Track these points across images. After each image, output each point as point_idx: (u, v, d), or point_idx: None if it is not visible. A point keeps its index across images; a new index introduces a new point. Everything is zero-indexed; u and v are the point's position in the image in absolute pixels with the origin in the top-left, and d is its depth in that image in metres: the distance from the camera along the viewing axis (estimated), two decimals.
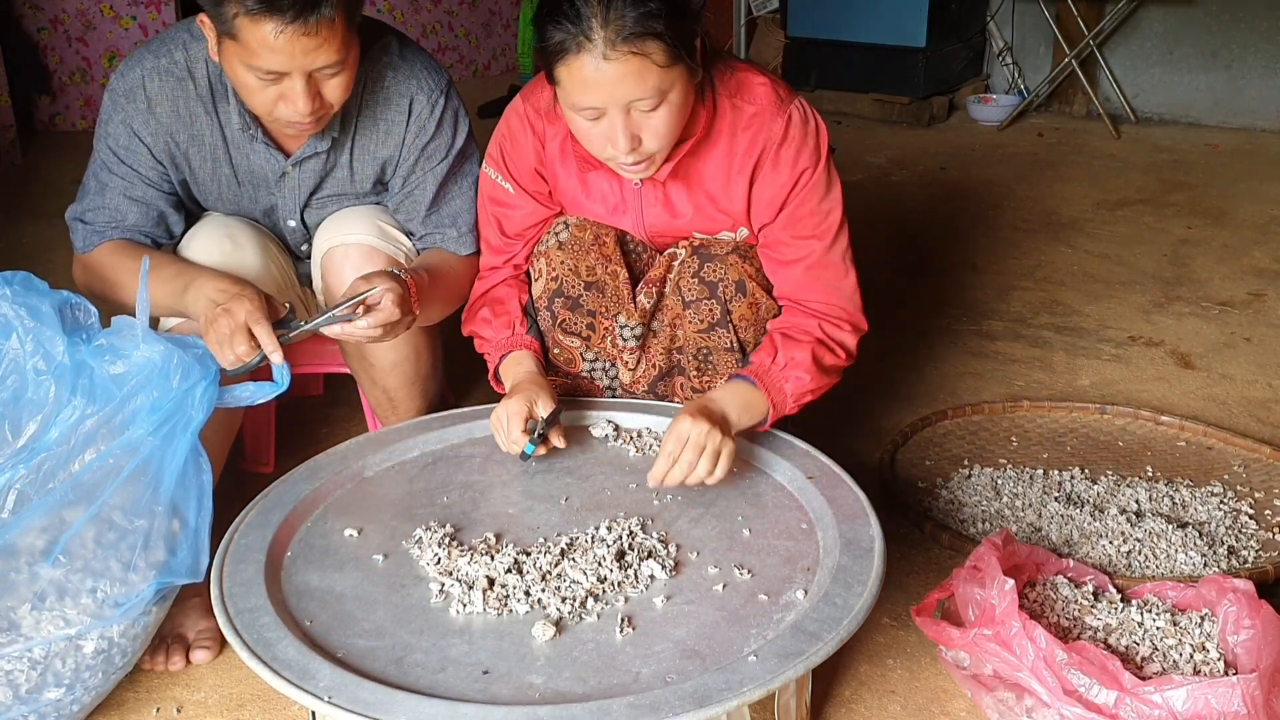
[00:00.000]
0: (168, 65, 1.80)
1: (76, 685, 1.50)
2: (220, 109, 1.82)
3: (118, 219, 1.85)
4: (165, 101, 1.81)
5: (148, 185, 1.85)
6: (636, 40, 1.52)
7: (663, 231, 1.88)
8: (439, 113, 1.89)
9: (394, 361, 1.95)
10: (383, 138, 1.88)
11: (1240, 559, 1.93)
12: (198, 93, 1.81)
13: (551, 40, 1.56)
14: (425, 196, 1.92)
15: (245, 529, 1.56)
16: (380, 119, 1.87)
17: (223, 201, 1.93)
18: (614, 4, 1.51)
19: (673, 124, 1.62)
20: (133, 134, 1.82)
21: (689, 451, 1.58)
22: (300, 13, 1.55)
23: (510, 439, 1.71)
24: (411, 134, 1.88)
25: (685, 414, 1.60)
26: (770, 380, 1.72)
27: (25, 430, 1.49)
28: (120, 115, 1.81)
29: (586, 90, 1.56)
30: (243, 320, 1.60)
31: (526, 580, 1.45)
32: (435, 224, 1.94)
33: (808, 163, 1.76)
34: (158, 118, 1.81)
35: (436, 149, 1.91)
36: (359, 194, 1.95)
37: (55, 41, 4.96)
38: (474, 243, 1.96)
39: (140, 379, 1.52)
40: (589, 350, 1.91)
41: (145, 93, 1.80)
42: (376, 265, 1.83)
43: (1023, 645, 1.47)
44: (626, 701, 1.21)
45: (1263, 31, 4.86)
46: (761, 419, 1.72)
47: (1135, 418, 2.45)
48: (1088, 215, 3.85)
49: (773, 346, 1.75)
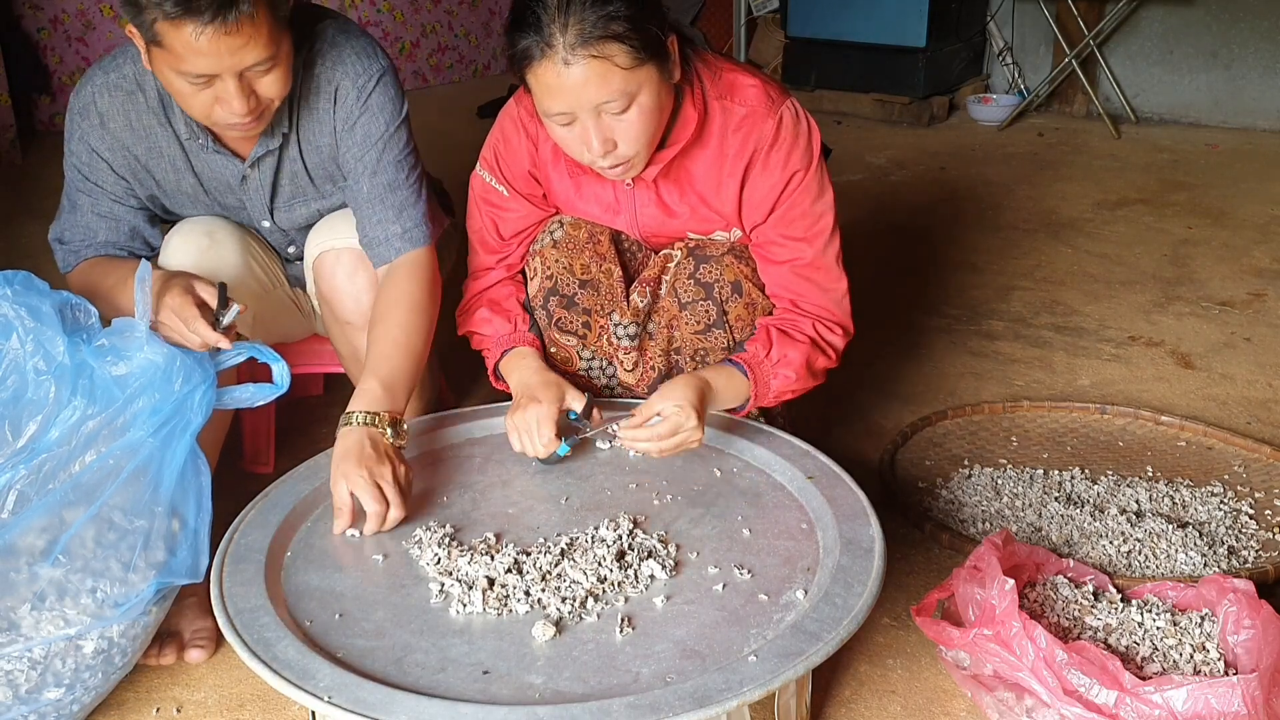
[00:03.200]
0: (117, 80, 1.78)
1: (76, 685, 1.50)
2: (173, 119, 1.80)
3: (90, 236, 1.85)
4: (118, 116, 1.79)
5: (114, 201, 1.85)
6: (596, 44, 1.52)
7: (657, 231, 1.88)
8: (366, 94, 1.82)
9: None
10: (318, 128, 1.85)
11: (1240, 559, 1.93)
12: (149, 105, 1.79)
13: (517, 48, 1.58)
14: (362, 188, 1.85)
15: (245, 529, 1.56)
16: (314, 108, 1.83)
17: (197, 209, 1.92)
18: (573, 9, 1.52)
19: (646, 126, 1.62)
20: (91, 151, 1.81)
21: (667, 439, 1.63)
22: (218, 12, 1.52)
23: (543, 441, 1.69)
24: (340, 122, 1.83)
25: (687, 403, 1.63)
26: (760, 373, 1.74)
27: (25, 431, 1.49)
28: (78, 133, 1.80)
29: (552, 96, 1.58)
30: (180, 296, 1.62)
31: (526, 580, 1.45)
32: (381, 218, 1.85)
33: (799, 165, 1.76)
34: (112, 133, 1.80)
35: (366, 136, 1.84)
36: (321, 194, 1.92)
37: (55, 41, 4.96)
38: (426, 233, 1.87)
39: (143, 381, 1.53)
40: (585, 349, 1.92)
41: (97, 109, 1.78)
42: (367, 270, 1.84)
43: (1023, 645, 1.47)
44: (626, 701, 1.21)
45: (1263, 31, 4.86)
46: (739, 407, 1.77)
47: (1135, 418, 2.45)
48: (1088, 215, 3.85)
49: (768, 340, 1.76)
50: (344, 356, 2.00)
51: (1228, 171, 4.35)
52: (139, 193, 1.86)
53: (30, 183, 4.30)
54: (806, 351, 1.76)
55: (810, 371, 1.77)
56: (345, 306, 1.90)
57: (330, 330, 1.98)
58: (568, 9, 1.52)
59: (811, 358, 1.77)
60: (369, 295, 1.86)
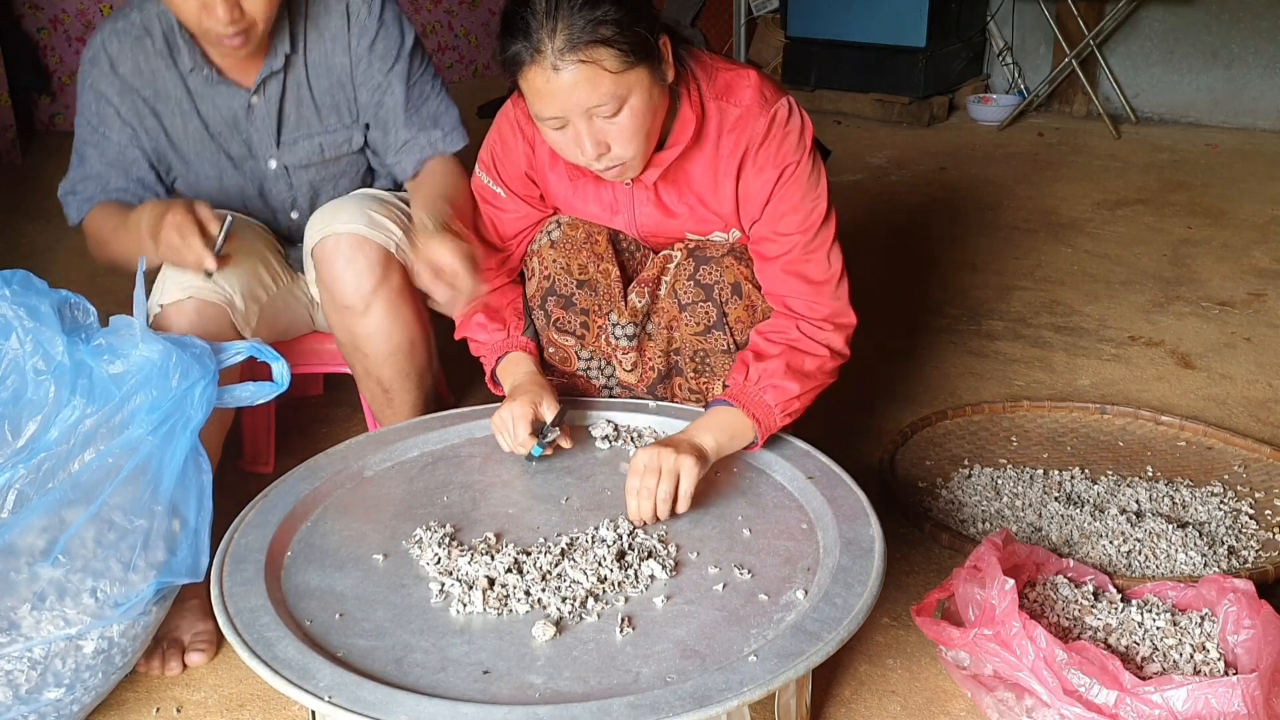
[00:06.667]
0: (124, 26, 1.88)
1: (76, 685, 1.50)
2: (179, 61, 1.88)
3: (102, 184, 1.92)
4: (126, 60, 1.87)
5: (120, 149, 1.92)
6: (585, 48, 1.52)
7: (656, 232, 1.88)
8: (377, 10, 1.93)
9: (387, 352, 1.92)
10: (329, 47, 1.92)
11: (1240, 559, 1.93)
12: (155, 48, 1.88)
13: (508, 53, 1.58)
14: (397, 100, 1.95)
15: (245, 529, 1.56)
16: (324, 29, 1.92)
17: (202, 162, 1.96)
18: (560, 14, 1.52)
19: (639, 128, 1.61)
20: (100, 96, 1.89)
21: (647, 477, 1.56)
22: None
23: (517, 440, 1.71)
24: (354, 37, 1.92)
25: (641, 449, 1.60)
26: (748, 398, 1.70)
27: (25, 430, 1.49)
28: (88, 81, 1.89)
29: (543, 101, 1.58)
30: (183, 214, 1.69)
31: (526, 580, 1.45)
32: (419, 126, 1.97)
33: (790, 158, 1.74)
34: (121, 77, 1.88)
35: (388, 50, 1.94)
36: (325, 126, 1.98)
37: (55, 41, 4.96)
38: (462, 135, 2.01)
39: (139, 378, 1.52)
40: (584, 349, 1.92)
41: (107, 54, 1.87)
42: (367, 255, 1.85)
43: (1023, 645, 1.47)
44: (626, 701, 1.21)
45: (1263, 31, 4.86)
46: (752, 438, 1.70)
47: (1135, 418, 2.45)
48: (1088, 215, 3.85)
49: (744, 365, 1.73)
50: (343, 345, 1.99)
51: (1228, 171, 4.35)
52: (145, 144, 1.93)
53: (30, 183, 4.31)
54: (785, 359, 1.72)
55: (800, 374, 1.72)
56: (345, 290, 1.88)
57: (330, 320, 1.98)
58: (555, 14, 1.52)
59: (792, 361, 1.72)
60: (370, 279, 1.86)
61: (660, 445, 1.59)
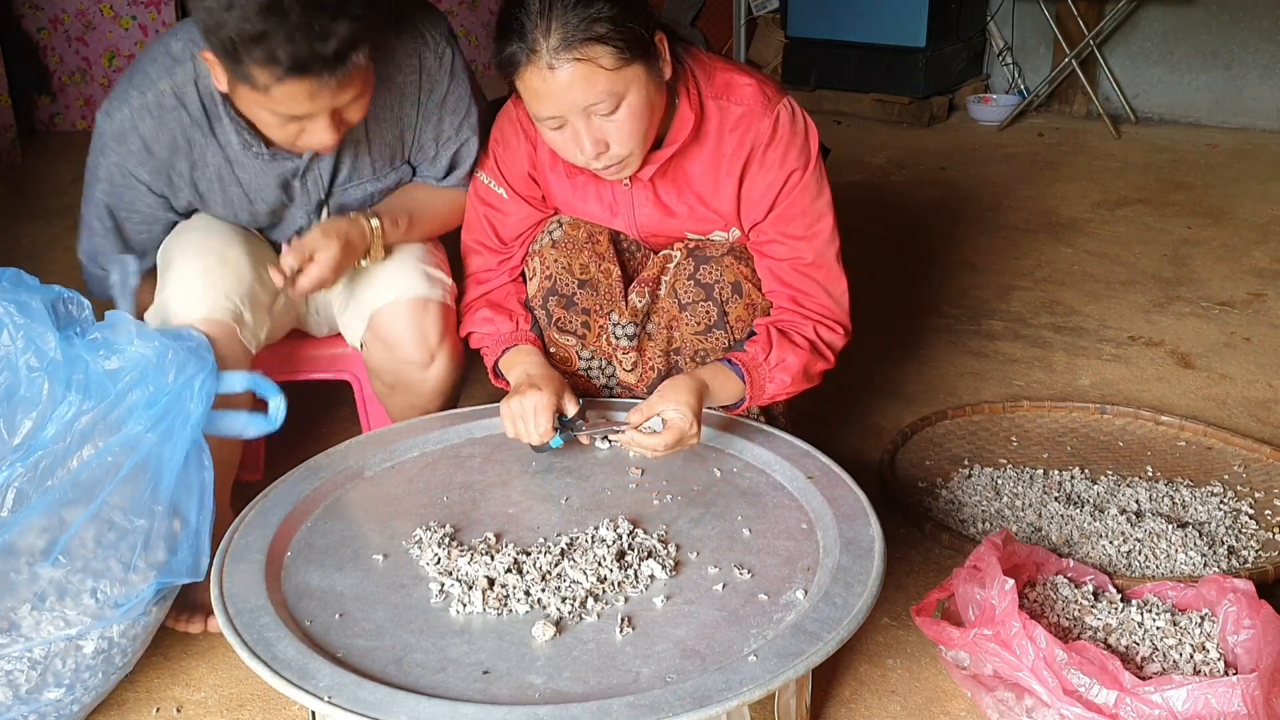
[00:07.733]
0: (155, 99, 1.71)
1: (76, 685, 1.50)
2: (217, 130, 1.75)
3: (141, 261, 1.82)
4: (163, 137, 1.74)
5: (150, 216, 1.84)
6: (580, 46, 1.53)
7: (655, 231, 1.88)
8: (448, 63, 1.85)
9: (440, 391, 1.93)
10: (397, 100, 1.82)
11: (1240, 559, 1.93)
12: (193, 119, 1.73)
13: (504, 54, 1.59)
14: (464, 152, 1.92)
15: (245, 529, 1.56)
16: (392, 81, 1.80)
17: (229, 211, 1.88)
18: (555, 13, 1.52)
19: (637, 125, 1.62)
20: (128, 174, 1.77)
21: (673, 449, 1.64)
22: (333, 71, 1.52)
23: (538, 430, 1.70)
24: (425, 92, 1.84)
25: (689, 409, 1.63)
26: (757, 375, 1.74)
27: (21, 428, 1.48)
28: (114, 159, 1.76)
29: (540, 100, 1.58)
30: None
31: (526, 580, 1.45)
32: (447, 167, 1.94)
33: (796, 163, 1.75)
34: (156, 156, 1.75)
35: (458, 104, 1.87)
36: (377, 176, 1.89)
37: (55, 41, 4.95)
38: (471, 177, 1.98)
39: (135, 374, 1.52)
40: (585, 349, 1.92)
41: (139, 134, 1.73)
42: (431, 316, 1.85)
43: (1023, 645, 1.47)
44: (626, 701, 1.21)
45: (1263, 31, 4.86)
46: (732, 406, 1.77)
47: (1135, 418, 2.45)
48: (1088, 215, 3.85)
49: (768, 342, 1.75)
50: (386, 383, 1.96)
51: (1228, 171, 4.35)
52: (175, 204, 1.85)
53: (30, 183, 4.30)
54: (805, 357, 1.76)
55: (806, 376, 1.78)
56: (409, 351, 1.87)
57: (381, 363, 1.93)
58: (550, 13, 1.52)
59: (810, 363, 1.77)
60: (435, 337, 1.86)
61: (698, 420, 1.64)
